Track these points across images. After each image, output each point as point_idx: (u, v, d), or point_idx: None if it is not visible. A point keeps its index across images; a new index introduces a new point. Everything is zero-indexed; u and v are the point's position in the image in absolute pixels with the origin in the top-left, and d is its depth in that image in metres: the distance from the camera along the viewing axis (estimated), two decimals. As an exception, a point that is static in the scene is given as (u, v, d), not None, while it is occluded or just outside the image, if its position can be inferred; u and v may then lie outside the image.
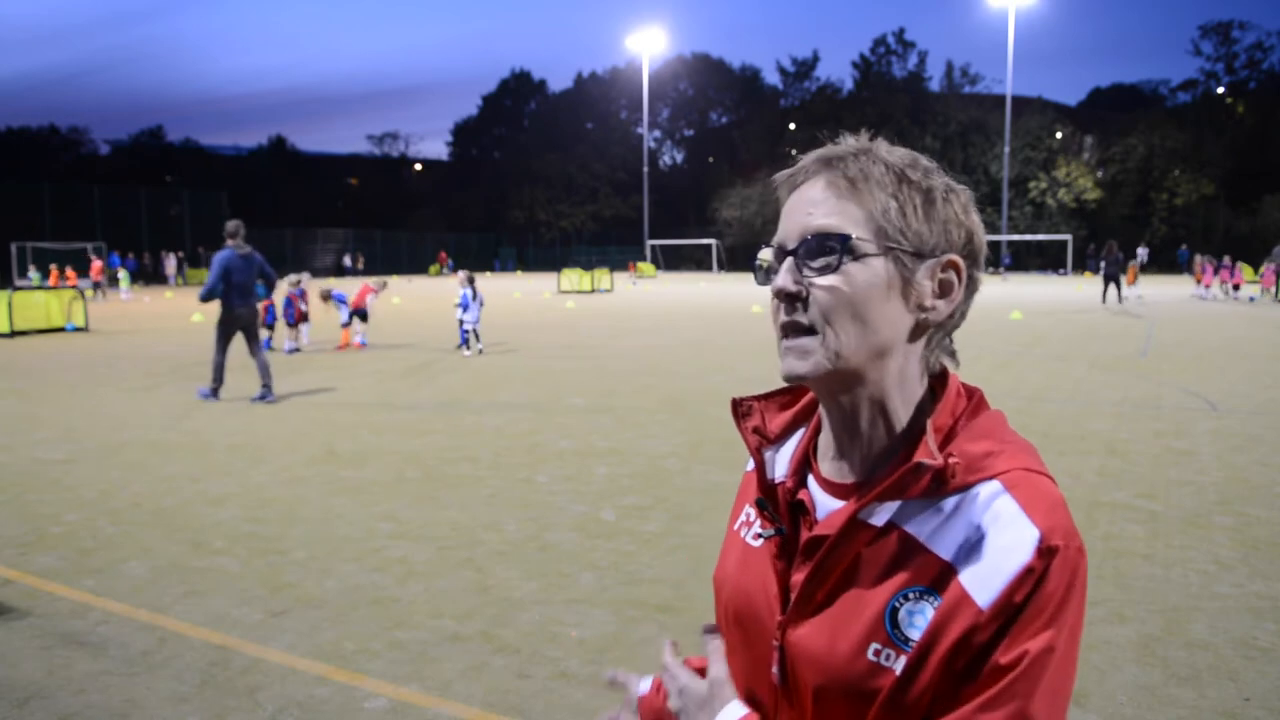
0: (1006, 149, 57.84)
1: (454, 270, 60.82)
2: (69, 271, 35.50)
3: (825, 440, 0.99)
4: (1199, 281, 30.05)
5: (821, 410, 0.99)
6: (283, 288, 14.49)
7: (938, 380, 0.97)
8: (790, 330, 0.92)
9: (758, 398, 1.09)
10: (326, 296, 15.56)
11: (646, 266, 57.38)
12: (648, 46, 68.52)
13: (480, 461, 6.93)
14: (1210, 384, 10.47)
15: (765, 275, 0.96)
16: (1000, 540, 0.84)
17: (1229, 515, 5.36)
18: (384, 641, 3.77)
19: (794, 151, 1.02)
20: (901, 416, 0.94)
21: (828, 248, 0.89)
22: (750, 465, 1.09)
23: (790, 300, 0.91)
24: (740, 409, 1.08)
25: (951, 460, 0.87)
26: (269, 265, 10.11)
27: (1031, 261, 59.41)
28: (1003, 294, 32.11)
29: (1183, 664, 3.50)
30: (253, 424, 8.52)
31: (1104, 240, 29.65)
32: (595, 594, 4.27)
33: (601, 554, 4.81)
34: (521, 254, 74.73)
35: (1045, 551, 0.82)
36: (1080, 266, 54.72)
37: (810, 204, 0.92)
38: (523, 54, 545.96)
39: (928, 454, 0.88)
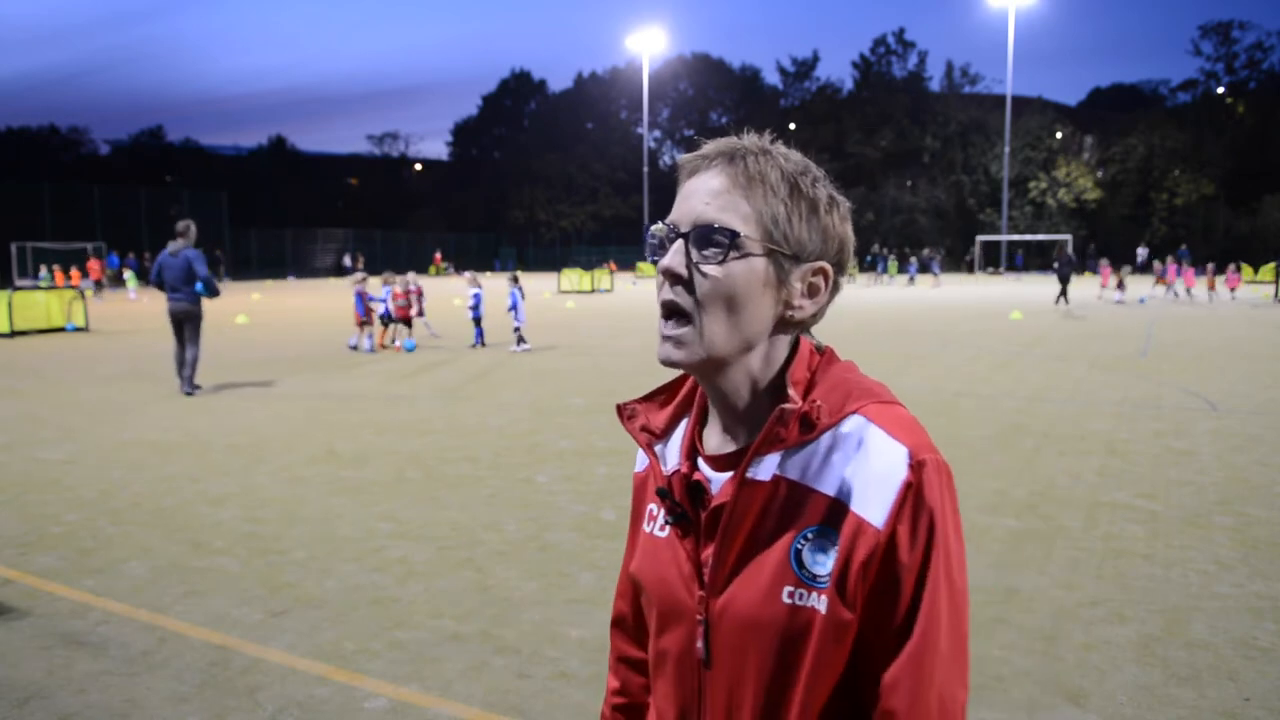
0: (1006, 149, 57.85)
1: (457, 271, 60.69)
2: (74, 272, 35.51)
3: (710, 423, 1.08)
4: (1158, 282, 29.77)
5: (706, 395, 1.08)
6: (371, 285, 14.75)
7: (793, 348, 1.05)
8: (669, 310, 0.99)
9: (638, 400, 1.16)
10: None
11: (647, 266, 57.38)
12: (648, 46, 68.42)
13: (480, 461, 6.93)
14: (1210, 384, 10.47)
15: (657, 250, 1.02)
16: (876, 464, 0.93)
17: (1229, 515, 5.36)
18: (384, 641, 3.77)
19: (699, 138, 1.04)
20: (767, 385, 1.03)
21: (716, 240, 0.97)
22: (638, 468, 1.18)
23: (674, 280, 0.99)
24: (625, 412, 1.15)
25: (814, 404, 0.96)
26: (203, 264, 10.26)
27: (1032, 261, 59.46)
28: (1003, 294, 32.13)
29: (1183, 664, 3.50)
30: (253, 424, 8.53)
31: (1105, 240, 29.46)
32: (595, 594, 4.27)
33: (601, 554, 4.81)
34: (521, 254, 74.66)
35: (917, 465, 0.93)
36: (1080, 267, 54.80)
37: (709, 193, 0.98)
38: (523, 54, 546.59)
39: (788, 402, 0.97)
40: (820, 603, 0.93)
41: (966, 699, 0.95)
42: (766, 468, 0.98)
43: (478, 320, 14.90)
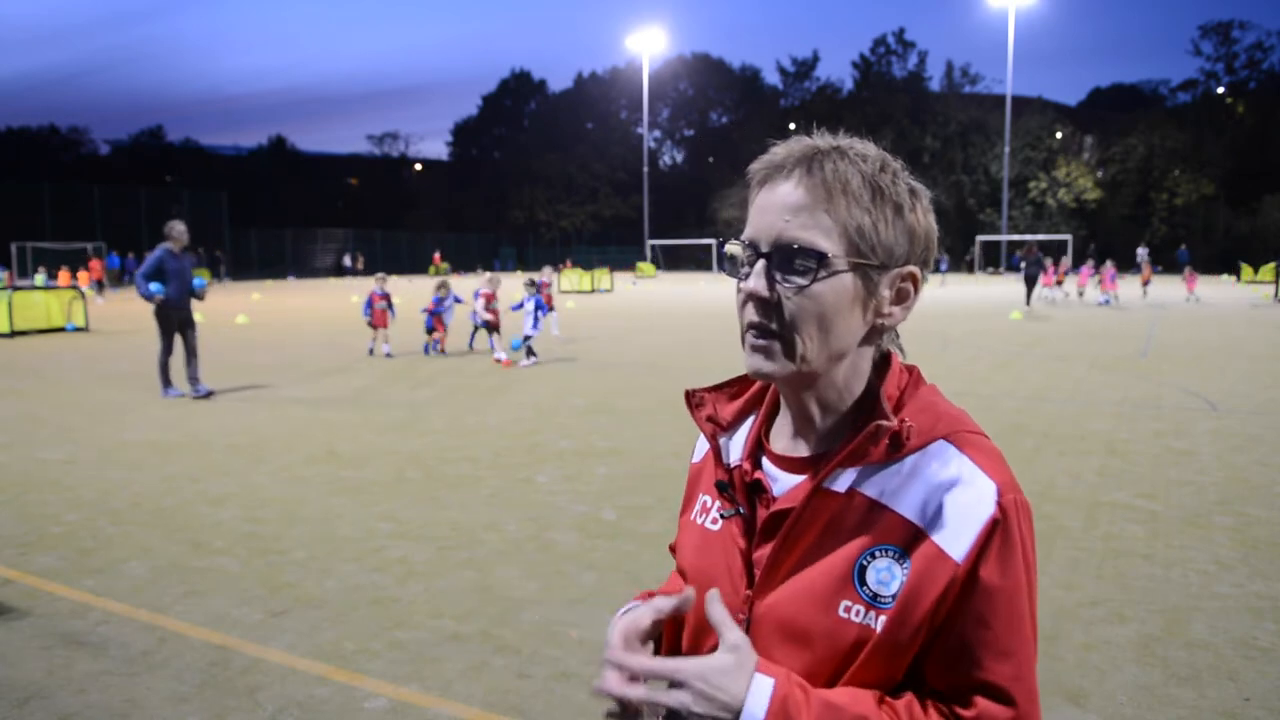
0: (1006, 149, 57.88)
1: (454, 272, 60.61)
2: (80, 272, 35.46)
3: (781, 423, 1.05)
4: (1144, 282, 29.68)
5: (780, 397, 1.06)
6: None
7: (881, 360, 1.04)
8: (758, 331, 0.97)
9: (708, 389, 1.14)
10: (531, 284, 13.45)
11: (646, 266, 57.36)
12: (648, 46, 68.50)
13: (480, 461, 6.93)
14: (1210, 384, 10.47)
15: (735, 268, 1.00)
16: (964, 495, 0.92)
17: (1229, 515, 5.36)
18: (384, 641, 3.77)
19: (772, 143, 1.00)
20: (854, 394, 1.01)
21: (801, 261, 0.93)
22: (696, 458, 1.15)
23: (760, 302, 0.96)
24: (693, 400, 1.13)
25: (906, 424, 0.94)
26: (145, 263, 10.46)
27: (1032, 261, 59.45)
28: (1003, 294, 32.11)
29: (1183, 664, 3.50)
30: (253, 424, 8.53)
31: (1105, 240, 29.42)
32: (595, 594, 4.26)
33: (602, 554, 4.81)
34: (521, 254, 74.66)
35: (1005, 502, 0.91)
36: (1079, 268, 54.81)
37: (787, 209, 0.94)
38: (523, 54, 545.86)
39: (884, 419, 0.95)
40: (878, 622, 0.91)
41: None
42: (844, 480, 0.96)
43: (477, 325, 14.83)
